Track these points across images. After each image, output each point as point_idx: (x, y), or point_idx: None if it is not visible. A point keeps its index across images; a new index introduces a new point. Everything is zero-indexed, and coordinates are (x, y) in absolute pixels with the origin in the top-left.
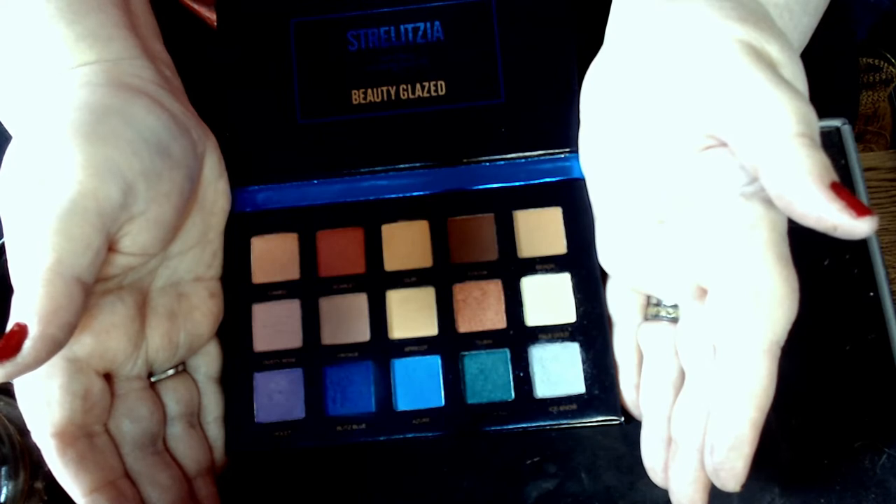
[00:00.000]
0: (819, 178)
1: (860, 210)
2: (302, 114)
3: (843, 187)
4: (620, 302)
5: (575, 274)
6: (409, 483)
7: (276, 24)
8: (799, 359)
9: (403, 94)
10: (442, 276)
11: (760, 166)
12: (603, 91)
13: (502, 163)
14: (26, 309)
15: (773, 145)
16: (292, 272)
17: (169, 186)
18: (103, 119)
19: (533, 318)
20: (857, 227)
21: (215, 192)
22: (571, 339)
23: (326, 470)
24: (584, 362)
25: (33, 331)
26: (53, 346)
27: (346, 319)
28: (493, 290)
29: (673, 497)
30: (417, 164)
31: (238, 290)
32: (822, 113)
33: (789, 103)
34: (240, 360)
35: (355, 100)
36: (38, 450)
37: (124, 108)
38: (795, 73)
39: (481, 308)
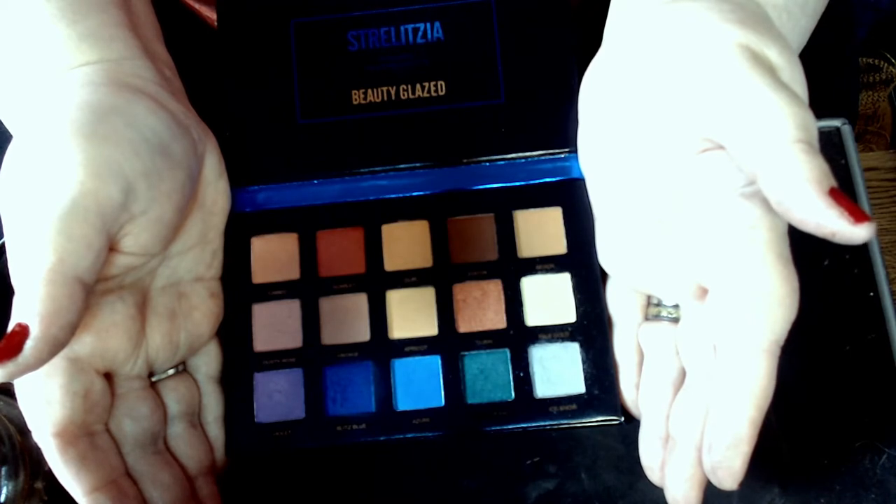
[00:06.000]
0: (818, 184)
1: (858, 216)
2: (302, 114)
3: (842, 193)
4: (620, 302)
5: (575, 274)
6: (410, 483)
7: (276, 24)
8: (799, 359)
9: (403, 95)
10: (442, 276)
11: (759, 172)
12: (601, 91)
13: (502, 163)
14: (28, 309)
15: (772, 151)
16: (292, 272)
17: (170, 186)
18: (104, 119)
19: (533, 318)
20: (855, 233)
21: (215, 192)
22: (571, 339)
23: (326, 470)
24: (584, 362)
25: (35, 331)
26: (55, 346)
27: (346, 319)
28: (493, 290)
29: (668, 494)
30: (417, 164)
31: (238, 290)
32: (822, 113)
33: (788, 109)
34: (240, 360)
35: (355, 100)
36: (38, 450)
37: (125, 107)
38: (794, 76)
39: (481, 308)
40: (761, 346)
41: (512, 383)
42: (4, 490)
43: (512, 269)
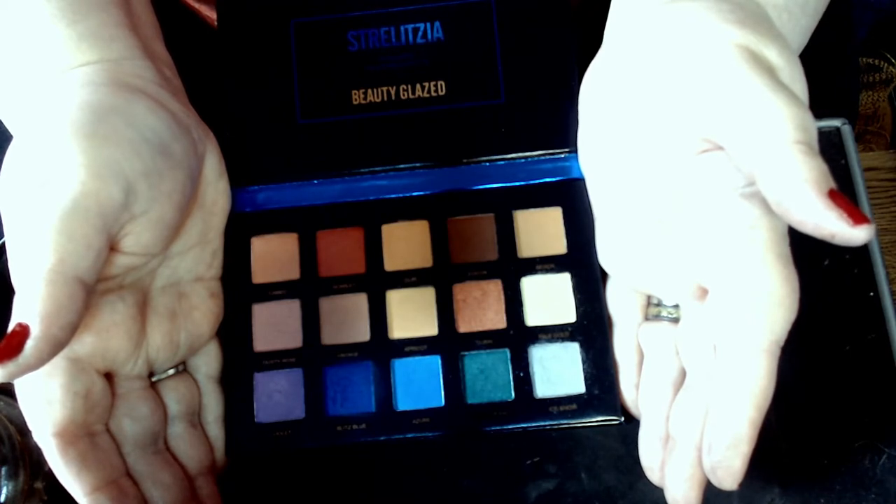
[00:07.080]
0: (817, 185)
1: (857, 218)
2: (302, 114)
3: (841, 195)
4: (620, 302)
5: (575, 274)
6: (409, 483)
7: (276, 24)
8: (799, 359)
9: (403, 95)
10: (442, 276)
11: (758, 173)
12: (601, 92)
13: (502, 163)
14: (28, 309)
15: (771, 152)
16: (292, 272)
17: (170, 186)
18: (105, 119)
19: (533, 318)
20: (854, 234)
21: (215, 192)
22: (571, 339)
23: (326, 470)
24: (584, 362)
25: (35, 331)
26: (55, 346)
27: (346, 319)
28: (493, 290)
29: (668, 494)
30: (417, 164)
31: (238, 290)
32: (821, 113)
33: (787, 110)
34: (240, 360)
35: (355, 100)
36: (38, 450)
37: (126, 107)
38: (794, 76)
39: (481, 308)
40: (761, 346)
41: (512, 383)
42: (4, 490)
43: (512, 269)
